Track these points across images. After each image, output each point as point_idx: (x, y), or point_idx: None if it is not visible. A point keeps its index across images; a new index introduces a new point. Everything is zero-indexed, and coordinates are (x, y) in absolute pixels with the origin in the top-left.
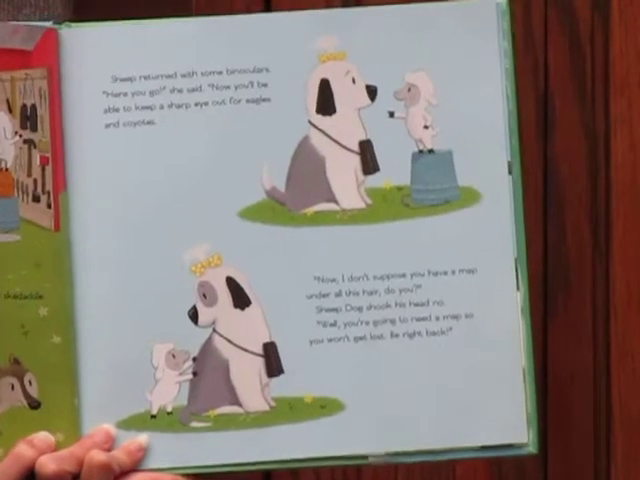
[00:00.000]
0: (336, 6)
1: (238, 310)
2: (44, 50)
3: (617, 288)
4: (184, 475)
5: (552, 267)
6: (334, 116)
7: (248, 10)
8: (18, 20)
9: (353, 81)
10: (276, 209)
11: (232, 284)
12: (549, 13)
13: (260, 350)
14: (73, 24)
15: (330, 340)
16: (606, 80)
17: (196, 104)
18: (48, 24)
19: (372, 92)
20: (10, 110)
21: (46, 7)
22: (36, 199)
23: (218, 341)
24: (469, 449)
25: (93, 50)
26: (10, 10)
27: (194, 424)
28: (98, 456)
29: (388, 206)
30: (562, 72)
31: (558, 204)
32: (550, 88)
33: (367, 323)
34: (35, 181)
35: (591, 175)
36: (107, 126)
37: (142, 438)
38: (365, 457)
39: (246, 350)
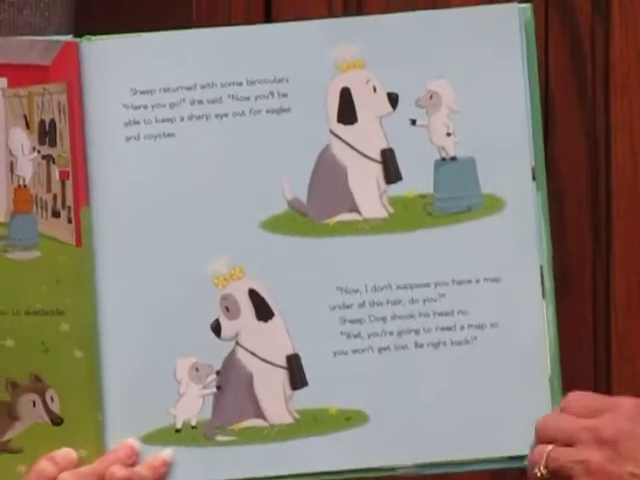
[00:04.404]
0: (337, 9)
1: (261, 322)
2: (63, 64)
3: (617, 289)
4: None
5: (552, 268)
6: (355, 125)
7: (248, 10)
8: (18, 22)
9: (374, 89)
10: (298, 220)
11: (254, 296)
12: (550, 14)
13: (284, 362)
14: (93, 37)
15: (354, 351)
16: (606, 82)
17: (216, 115)
18: (68, 38)
19: (393, 100)
20: (28, 126)
21: (46, 9)
22: (56, 214)
23: (241, 354)
24: (496, 460)
25: (112, 63)
26: (11, 12)
27: (219, 438)
28: (119, 472)
29: (410, 215)
30: (562, 73)
31: (558, 205)
32: (551, 89)
33: (391, 333)
34: (55, 196)
35: (591, 176)
36: (128, 139)
37: (166, 453)
38: (393, 469)
39: (270, 362)
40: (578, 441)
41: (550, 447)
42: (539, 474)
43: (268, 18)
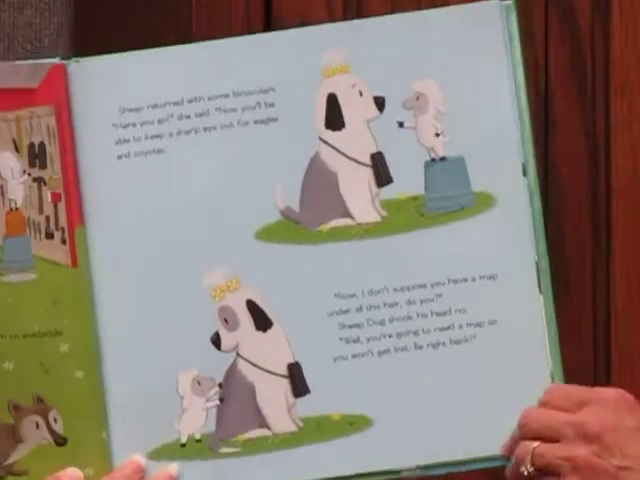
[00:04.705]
0: (337, 9)
1: (260, 332)
2: (51, 86)
3: (617, 288)
4: None
5: (552, 267)
6: (343, 130)
7: (247, 11)
8: (18, 22)
9: (360, 94)
10: (291, 228)
11: (252, 307)
12: (549, 14)
13: (285, 371)
14: (81, 59)
15: (354, 356)
16: (606, 81)
17: (205, 129)
18: (55, 60)
19: (380, 103)
20: (17, 150)
21: (46, 9)
22: (49, 236)
23: (242, 365)
24: (498, 458)
25: (100, 83)
26: (11, 12)
27: (223, 450)
28: None
29: (403, 217)
30: (562, 73)
31: (558, 204)
32: (550, 89)
33: (390, 336)
34: (47, 218)
35: (591, 176)
36: (119, 157)
37: (172, 468)
38: (397, 472)
39: (271, 372)
40: (563, 437)
41: (535, 444)
42: (526, 472)
43: (268, 19)
